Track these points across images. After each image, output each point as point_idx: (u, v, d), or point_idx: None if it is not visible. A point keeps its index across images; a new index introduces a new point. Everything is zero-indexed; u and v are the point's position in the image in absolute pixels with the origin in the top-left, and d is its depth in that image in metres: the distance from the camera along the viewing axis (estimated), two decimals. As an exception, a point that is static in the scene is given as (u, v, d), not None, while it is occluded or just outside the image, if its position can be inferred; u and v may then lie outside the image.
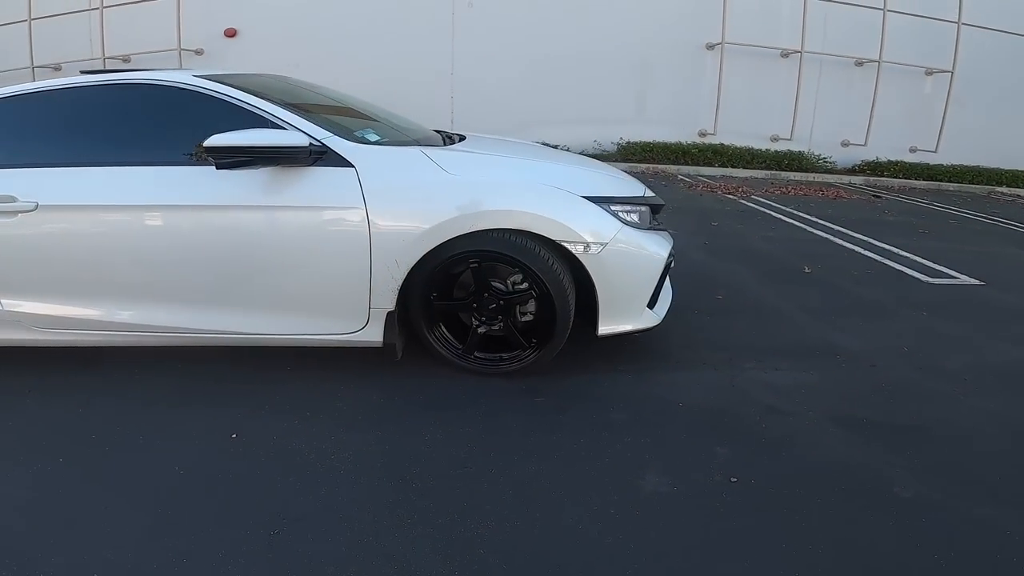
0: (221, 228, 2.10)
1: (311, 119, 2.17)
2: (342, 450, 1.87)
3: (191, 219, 2.10)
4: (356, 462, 1.81)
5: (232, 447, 1.89)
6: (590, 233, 2.14)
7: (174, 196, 2.08)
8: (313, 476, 1.75)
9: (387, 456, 1.84)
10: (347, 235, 2.06)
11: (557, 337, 2.23)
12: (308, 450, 1.87)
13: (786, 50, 10.97)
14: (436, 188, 2.10)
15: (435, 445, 1.89)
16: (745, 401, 2.25)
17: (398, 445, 1.89)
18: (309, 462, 1.81)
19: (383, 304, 2.15)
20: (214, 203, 2.07)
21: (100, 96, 2.28)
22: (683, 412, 2.15)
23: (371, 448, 1.87)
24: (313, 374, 2.31)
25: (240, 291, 2.17)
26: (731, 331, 2.89)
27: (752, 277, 3.79)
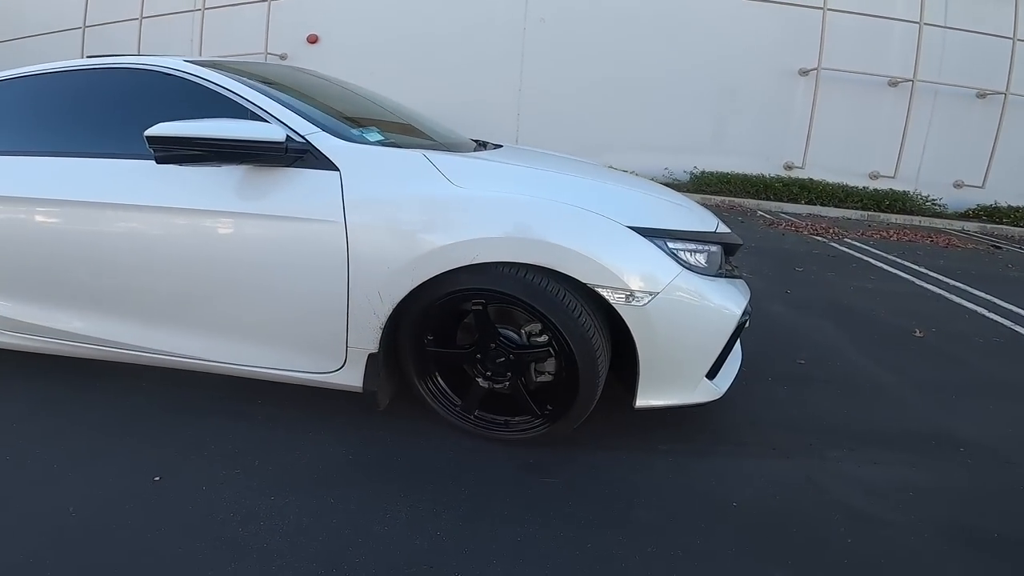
0: (180, 235, 1.79)
1: (300, 112, 1.83)
2: (274, 517, 1.48)
3: (147, 221, 1.82)
4: (285, 538, 1.40)
5: (147, 493, 1.56)
6: (636, 277, 1.64)
7: (126, 193, 1.81)
8: (224, 548, 1.37)
9: (328, 537, 1.41)
10: (320, 256, 1.70)
11: (577, 410, 1.74)
12: (232, 511, 1.50)
13: (895, 78, 9.90)
14: (435, 203, 1.68)
15: (394, 531, 1.44)
16: (825, 504, 1.66)
17: (347, 523, 1.46)
18: (226, 527, 1.44)
19: (363, 344, 1.75)
20: (172, 205, 1.77)
21: (76, 81, 2.07)
22: (735, 516, 1.59)
23: (312, 522, 1.46)
24: (282, 412, 1.94)
25: (199, 310, 1.86)
26: (814, 408, 2.26)
27: (844, 338, 3.09)
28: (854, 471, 1.85)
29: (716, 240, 1.88)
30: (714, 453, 1.90)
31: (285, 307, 1.77)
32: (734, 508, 1.63)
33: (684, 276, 1.70)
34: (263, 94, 1.85)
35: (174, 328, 1.89)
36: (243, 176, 1.74)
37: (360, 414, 1.94)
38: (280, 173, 1.73)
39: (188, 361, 1.91)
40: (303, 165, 1.73)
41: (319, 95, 2.32)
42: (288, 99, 1.91)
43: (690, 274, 1.72)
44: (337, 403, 1.98)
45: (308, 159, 1.73)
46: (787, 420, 2.14)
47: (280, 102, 1.84)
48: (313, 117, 1.85)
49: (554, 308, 1.63)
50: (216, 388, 2.06)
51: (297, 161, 1.73)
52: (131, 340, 1.92)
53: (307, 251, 1.71)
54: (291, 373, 1.85)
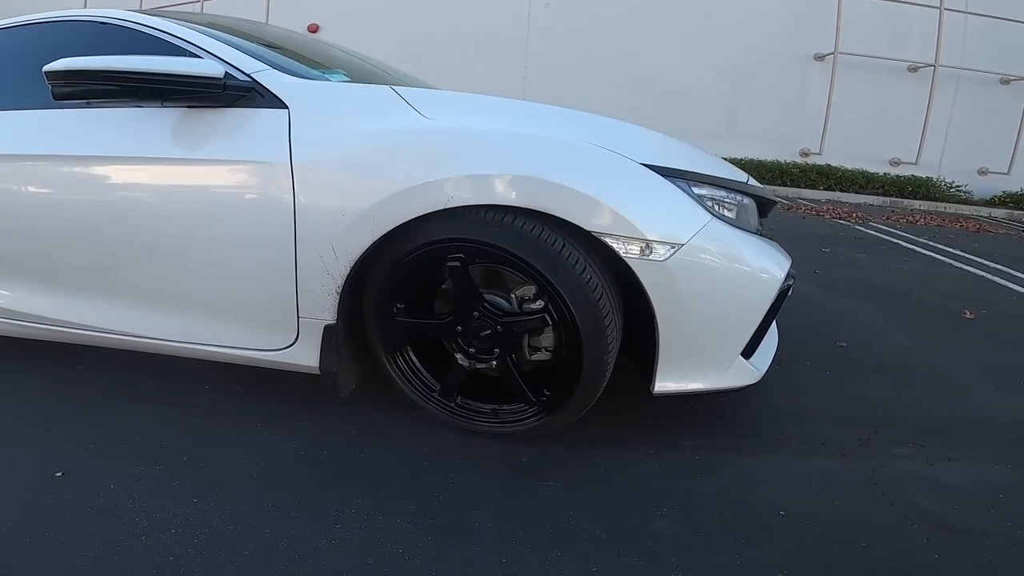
0: (99, 188, 1.49)
1: (247, 51, 1.52)
2: (191, 525, 1.15)
3: (60, 174, 1.52)
4: (197, 551, 1.07)
5: (42, 489, 1.25)
6: (654, 224, 1.29)
7: (33, 142, 1.52)
8: (111, 561, 1.04)
9: (255, 550, 1.07)
10: (259, 205, 1.37)
11: (581, 394, 1.38)
12: (139, 516, 1.18)
13: (915, 64, 9.49)
14: (401, 139, 1.35)
15: (343, 546, 1.10)
16: (899, 512, 1.31)
17: (284, 534, 1.12)
18: (125, 535, 1.12)
19: (317, 313, 1.42)
20: (88, 153, 1.47)
21: (15, 36, 1.80)
22: (785, 528, 1.24)
23: (237, 531, 1.12)
24: (230, 400, 1.61)
25: (124, 276, 1.54)
26: (865, 397, 1.90)
27: (887, 320, 2.72)
28: (926, 471, 1.50)
29: (749, 191, 1.54)
30: (751, 450, 1.54)
31: (224, 270, 1.44)
32: (783, 519, 1.28)
33: (715, 227, 1.35)
34: (208, 36, 1.54)
35: (97, 299, 1.57)
36: (178, 120, 1.43)
37: (323, 402, 1.61)
38: (221, 114, 1.42)
39: (114, 337, 1.59)
40: (247, 104, 1.41)
41: (287, 44, 1.99)
42: (239, 41, 1.60)
43: (722, 225, 1.38)
44: (299, 389, 1.65)
45: (254, 98, 1.42)
46: (835, 411, 1.78)
47: (226, 42, 1.53)
48: (263, 56, 1.55)
49: (549, 261, 1.28)
50: (162, 373, 1.74)
51: (241, 100, 1.41)
52: (45, 312, 1.61)
53: (245, 200, 1.39)
54: (235, 351, 1.52)
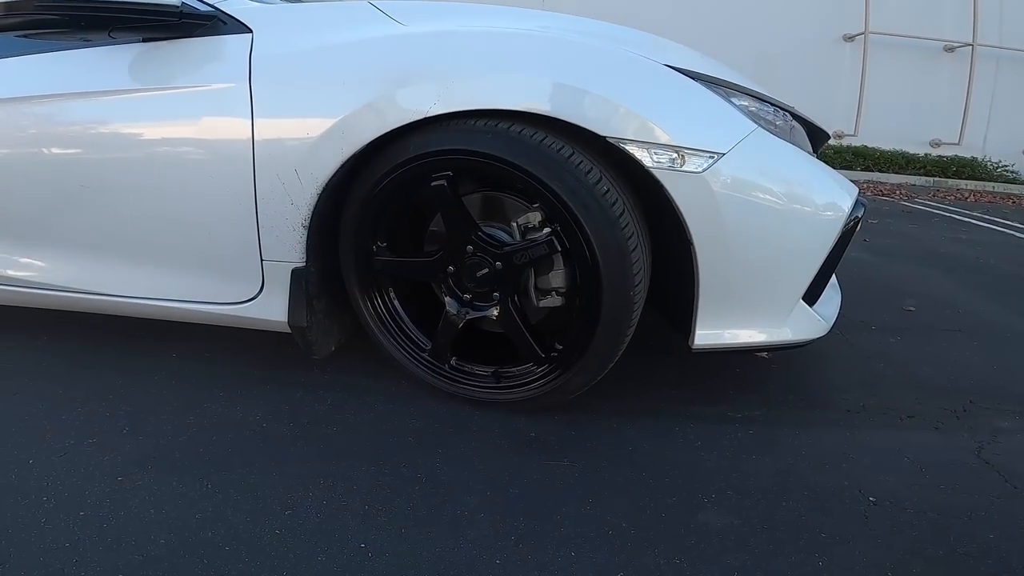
0: (44, 128, 1.27)
1: None
2: (107, 507, 0.90)
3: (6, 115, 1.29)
4: (103, 536, 0.82)
5: None
6: (686, 129, 1.02)
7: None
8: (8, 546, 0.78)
9: (176, 538, 0.81)
10: (215, 133, 1.14)
11: (601, 345, 1.08)
12: (49, 495, 0.93)
13: (951, 43, 8.97)
14: (373, 47, 1.10)
15: (291, 536, 0.83)
16: None
17: (219, 519, 0.85)
18: (29, 519, 0.86)
19: (282, 254, 1.17)
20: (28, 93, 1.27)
21: None
22: (879, 519, 0.93)
23: (162, 515, 0.86)
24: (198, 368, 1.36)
25: (75, 223, 1.30)
26: (947, 362, 1.57)
27: (957, 284, 2.37)
28: (1048, 447, 1.17)
29: (795, 112, 1.27)
30: (817, 423, 1.24)
31: (179, 209, 1.20)
32: (874, 506, 0.97)
33: (762, 137, 1.08)
34: None
35: (45, 251, 1.35)
36: (136, 55, 1.21)
37: (303, 369, 1.36)
38: (179, 45, 1.20)
39: (65, 295, 1.36)
40: (209, 33, 1.19)
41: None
42: None
43: (771, 136, 1.10)
44: (277, 356, 1.41)
45: (217, 26, 1.20)
46: (915, 379, 1.46)
47: None
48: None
49: (556, 169, 1.00)
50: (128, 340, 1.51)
51: (200, 30, 1.19)
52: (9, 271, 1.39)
53: (200, 130, 1.16)
54: (195, 306, 1.28)
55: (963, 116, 9.03)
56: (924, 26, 8.88)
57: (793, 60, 9.15)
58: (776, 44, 9.06)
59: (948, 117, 9.05)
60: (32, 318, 1.57)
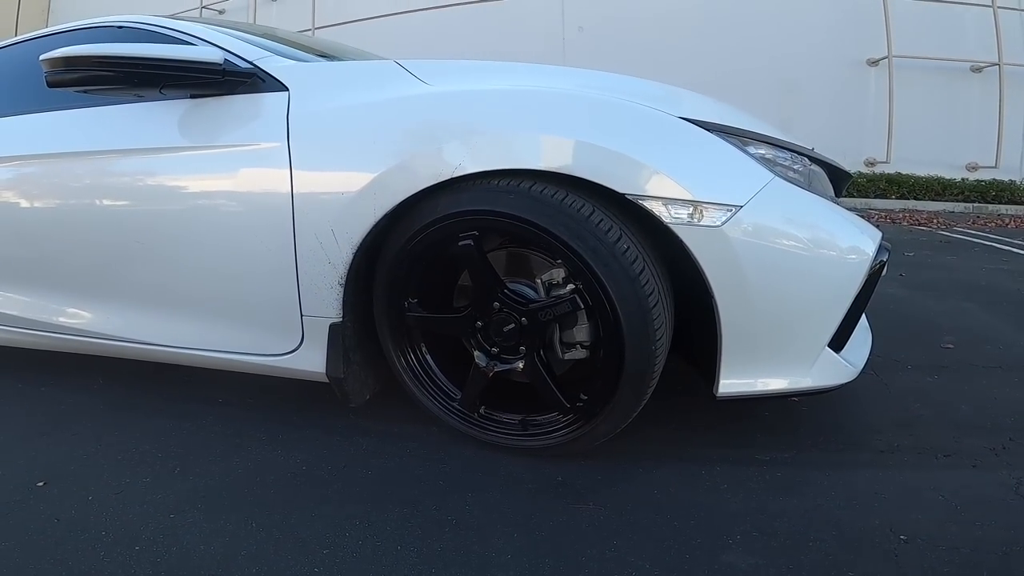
0: (96, 185, 1.41)
1: (251, 41, 1.45)
2: (160, 541, 0.98)
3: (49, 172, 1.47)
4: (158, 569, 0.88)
5: (22, 498, 1.13)
6: (703, 183, 1.06)
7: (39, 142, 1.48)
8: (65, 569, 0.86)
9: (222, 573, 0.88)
10: (255, 190, 1.25)
11: (624, 395, 1.12)
12: (106, 529, 1.03)
13: (978, 64, 8.84)
14: (401, 107, 1.19)
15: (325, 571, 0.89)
16: None
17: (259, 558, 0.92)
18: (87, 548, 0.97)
19: (321, 310, 1.25)
20: (79, 149, 1.42)
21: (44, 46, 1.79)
22: (910, 556, 0.93)
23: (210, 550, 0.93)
24: (240, 412, 1.45)
25: (117, 278, 1.44)
26: (986, 399, 1.53)
27: (999, 319, 2.30)
28: (1092, 487, 1.13)
29: (816, 157, 1.30)
30: (848, 464, 1.23)
31: (222, 264, 1.31)
32: (904, 544, 0.96)
33: (780, 187, 1.11)
34: (215, 30, 1.48)
35: (97, 303, 1.49)
36: (184, 112, 1.35)
37: (338, 415, 1.43)
38: (223, 102, 1.33)
39: (108, 344, 1.49)
40: (249, 91, 1.32)
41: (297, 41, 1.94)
42: (247, 35, 1.53)
43: (788, 185, 1.13)
44: (313, 403, 1.49)
45: (256, 84, 1.32)
46: (953, 417, 1.43)
47: (229, 34, 1.47)
48: (266, 45, 1.46)
49: (577, 229, 1.06)
50: (176, 384, 1.63)
51: (241, 87, 1.32)
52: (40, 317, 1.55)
53: (243, 187, 1.27)
54: (238, 357, 1.37)
55: (998, 137, 8.80)
56: (948, 47, 8.78)
57: (818, 87, 9.15)
58: (798, 71, 9.10)
59: (982, 139, 8.82)
60: (88, 363, 1.70)
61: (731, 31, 9.05)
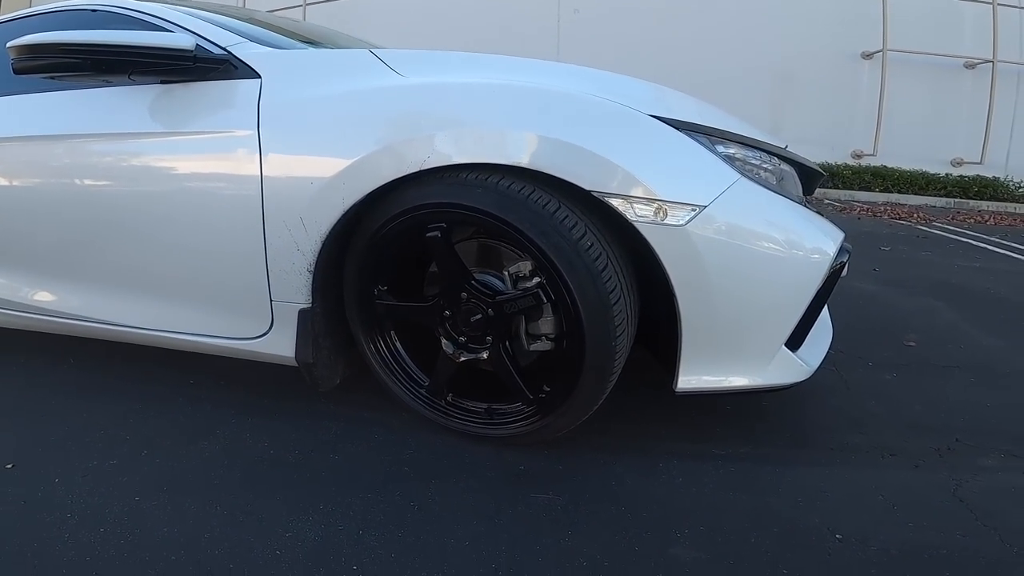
0: (68, 168, 1.40)
1: (225, 26, 1.42)
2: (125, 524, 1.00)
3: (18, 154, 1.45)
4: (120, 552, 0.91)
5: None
6: (667, 182, 1.07)
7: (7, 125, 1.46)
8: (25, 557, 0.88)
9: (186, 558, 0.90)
10: (225, 177, 1.25)
11: (585, 389, 1.15)
12: (72, 512, 1.04)
13: (971, 60, 8.89)
14: (371, 97, 1.19)
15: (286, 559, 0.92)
16: (991, 533, 1.03)
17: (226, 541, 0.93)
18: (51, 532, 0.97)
19: (290, 295, 1.26)
20: (50, 132, 1.41)
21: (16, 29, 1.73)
22: (842, 555, 0.98)
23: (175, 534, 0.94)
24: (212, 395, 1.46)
25: (87, 259, 1.43)
26: (940, 400, 1.59)
27: (963, 318, 2.36)
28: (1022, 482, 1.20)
29: (788, 156, 1.31)
30: (800, 461, 1.28)
31: (193, 249, 1.31)
32: (838, 543, 1.01)
33: (745, 187, 1.12)
34: (189, 15, 1.45)
35: (67, 284, 1.48)
36: (154, 98, 1.33)
37: (309, 400, 1.45)
38: (194, 88, 1.31)
39: (84, 325, 1.49)
40: (221, 76, 1.30)
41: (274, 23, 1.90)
42: (221, 19, 1.50)
43: (754, 185, 1.14)
44: (285, 387, 1.50)
45: (228, 70, 1.31)
46: (906, 416, 1.48)
47: (204, 19, 1.44)
48: (241, 31, 1.44)
49: (541, 225, 1.07)
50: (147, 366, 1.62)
51: (213, 73, 1.30)
52: (17, 299, 1.53)
53: (212, 174, 1.27)
54: (209, 340, 1.38)
55: (985, 134, 8.89)
56: (943, 43, 8.81)
57: (811, 78, 9.15)
58: (793, 62, 9.08)
59: (970, 135, 8.93)
60: (58, 343, 1.69)
61: (728, 20, 8.98)
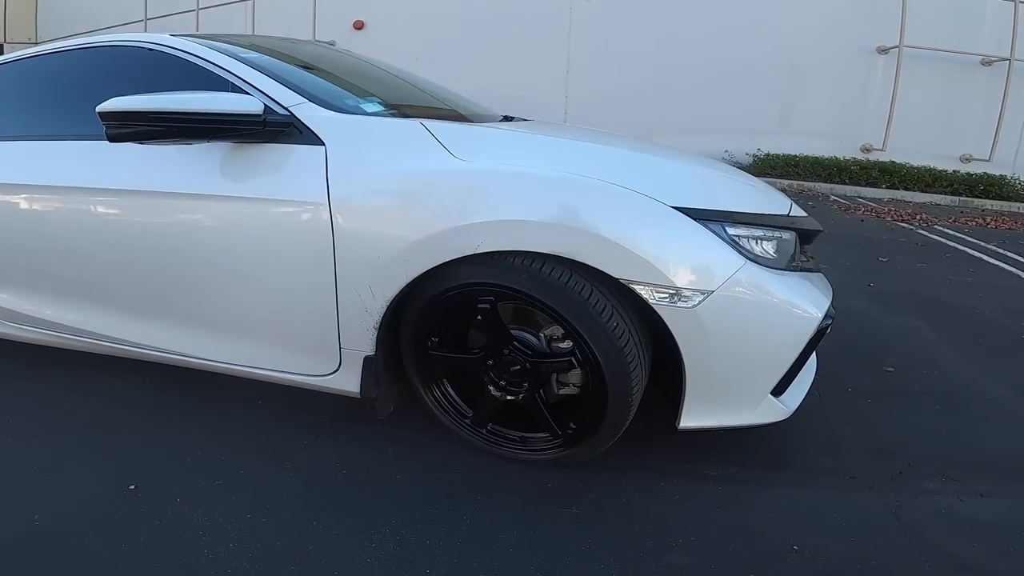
0: (151, 220, 1.63)
1: (285, 81, 1.61)
2: (245, 539, 1.29)
3: (117, 206, 1.67)
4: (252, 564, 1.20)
5: (119, 502, 1.41)
6: (683, 271, 1.31)
7: (98, 176, 1.66)
8: (182, 570, 1.18)
9: (301, 566, 1.20)
10: (303, 244, 1.48)
11: (604, 432, 1.45)
12: (202, 529, 1.32)
13: (988, 57, 8.86)
14: (430, 181, 1.41)
15: (377, 565, 1.21)
16: (916, 549, 1.32)
17: (326, 552, 1.24)
18: (191, 547, 1.27)
19: (357, 345, 1.53)
20: (142, 188, 1.61)
21: (62, 62, 1.95)
22: (795, 563, 1.26)
23: (286, 547, 1.25)
24: (282, 416, 1.76)
25: (177, 302, 1.69)
26: (906, 427, 1.85)
27: (943, 341, 2.60)
28: (955, 506, 1.47)
29: (789, 225, 1.52)
30: (776, 482, 1.55)
31: (269, 302, 1.57)
32: (795, 553, 1.29)
33: (748, 270, 1.35)
34: (246, 64, 1.64)
35: (154, 321, 1.74)
36: (224, 155, 1.54)
37: (363, 421, 1.73)
38: (263, 150, 1.52)
39: (173, 357, 1.77)
40: (287, 140, 1.51)
41: (324, 65, 2.13)
42: (276, 69, 1.70)
43: (756, 267, 1.37)
44: (341, 409, 1.77)
45: (292, 133, 1.51)
46: (872, 442, 1.75)
47: (264, 72, 1.63)
48: (300, 86, 1.62)
49: (576, 310, 1.33)
50: (220, 387, 1.90)
51: (280, 136, 1.51)
52: (113, 333, 1.80)
53: (289, 238, 1.49)
54: (284, 375, 1.66)
55: (996, 131, 8.91)
56: (961, 40, 8.78)
57: (823, 71, 9.18)
58: (806, 55, 9.11)
59: (981, 133, 8.94)
60: (132, 367, 1.96)
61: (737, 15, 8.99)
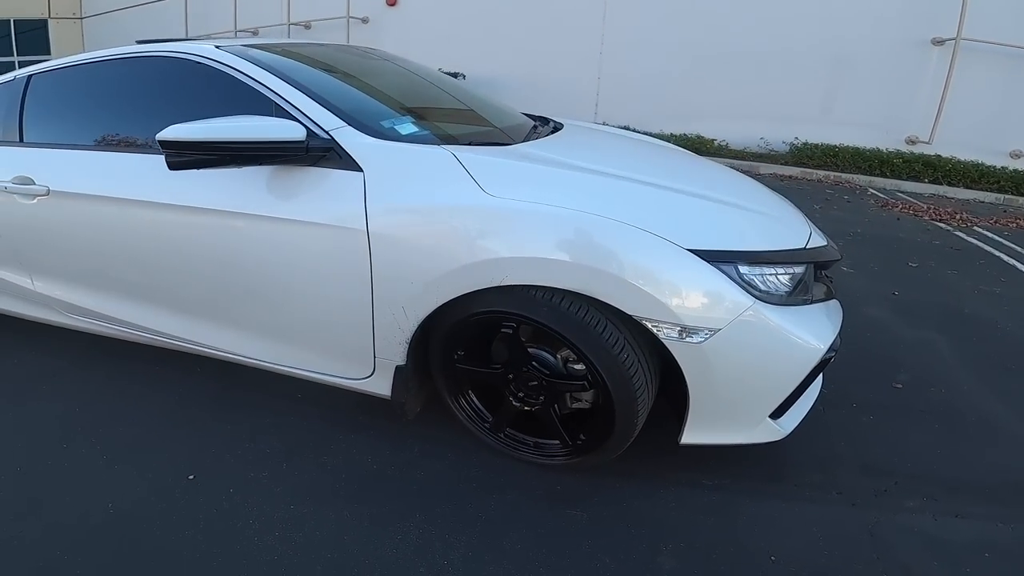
0: (204, 235, 1.80)
1: (326, 103, 1.72)
2: (290, 528, 1.51)
3: (172, 220, 1.84)
4: (296, 552, 1.42)
5: (179, 492, 1.64)
6: (693, 311, 1.40)
7: (159, 191, 1.82)
8: (237, 557, 1.41)
9: (338, 555, 1.41)
10: (344, 266, 1.64)
11: (611, 445, 1.62)
12: (252, 519, 1.55)
13: (1049, 52, 8.34)
14: (461, 215, 1.53)
15: (402, 555, 1.42)
16: (881, 565, 1.44)
17: (358, 541, 1.45)
18: (244, 535, 1.49)
19: (390, 356, 1.72)
20: (195, 204, 1.77)
21: (121, 70, 2.08)
22: (770, 572, 1.41)
23: (325, 537, 1.47)
24: (322, 412, 1.98)
25: (229, 308, 1.90)
26: (902, 444, 1.95)
27: (958, 358, 2.64)
28: (929, 526, 1.58)
29: (805, 259, 1.58)
30: (767, 494, 1.69)
31: (313, 314, 1.76)
32: (772, 563, 1.43)
33: (757, 309, 1.43)
34: (290, 84, 1.74)
35: (209, 323, 1.95)
36: (270, 176, 1.68)
37: (392, 419, 1.92)
38: (305, 173, 1.64)
39: (225, 355, 1.98)
40: (328, 164, 1.62)
41: (359, 74, 2.28)
42: (317, 86, 1.81)
43: (765, 307, 1.44)
44: (372, 407, 1.96)
45: (332, 158, 1.61)
46: (865, 459, 1.86)
47: (306, 92, 1.73)
48: (341, 108, 1.72)
49: (591, 342, 1.48)
50: (267, 384, 2.10)
51: (321, 160, 1.62)
52: (172, 331, 2.02)
53: (331, 260, 1.64)
54: (323, 376, 1.85)
55: (1052, 126, 8.45)
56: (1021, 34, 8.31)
57: (872, 62, 8.83)
58: (855, 46, 8.78)
59: (1035, 128, 8.50)
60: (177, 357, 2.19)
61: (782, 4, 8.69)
